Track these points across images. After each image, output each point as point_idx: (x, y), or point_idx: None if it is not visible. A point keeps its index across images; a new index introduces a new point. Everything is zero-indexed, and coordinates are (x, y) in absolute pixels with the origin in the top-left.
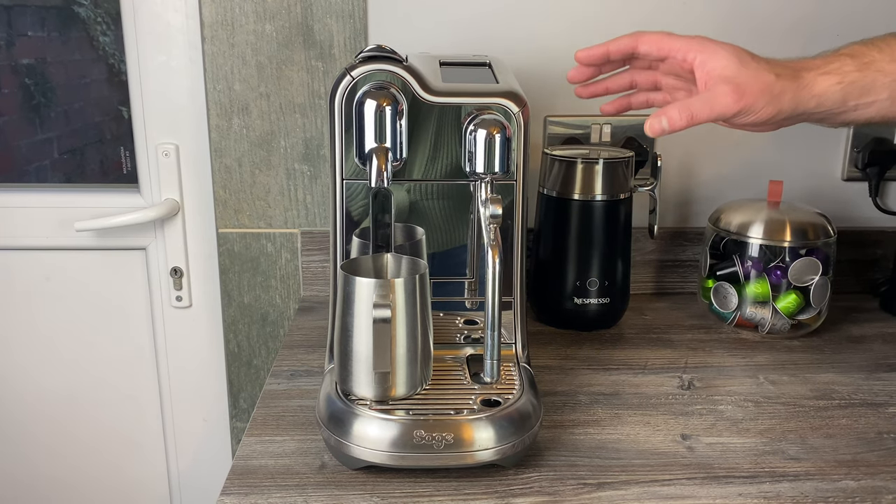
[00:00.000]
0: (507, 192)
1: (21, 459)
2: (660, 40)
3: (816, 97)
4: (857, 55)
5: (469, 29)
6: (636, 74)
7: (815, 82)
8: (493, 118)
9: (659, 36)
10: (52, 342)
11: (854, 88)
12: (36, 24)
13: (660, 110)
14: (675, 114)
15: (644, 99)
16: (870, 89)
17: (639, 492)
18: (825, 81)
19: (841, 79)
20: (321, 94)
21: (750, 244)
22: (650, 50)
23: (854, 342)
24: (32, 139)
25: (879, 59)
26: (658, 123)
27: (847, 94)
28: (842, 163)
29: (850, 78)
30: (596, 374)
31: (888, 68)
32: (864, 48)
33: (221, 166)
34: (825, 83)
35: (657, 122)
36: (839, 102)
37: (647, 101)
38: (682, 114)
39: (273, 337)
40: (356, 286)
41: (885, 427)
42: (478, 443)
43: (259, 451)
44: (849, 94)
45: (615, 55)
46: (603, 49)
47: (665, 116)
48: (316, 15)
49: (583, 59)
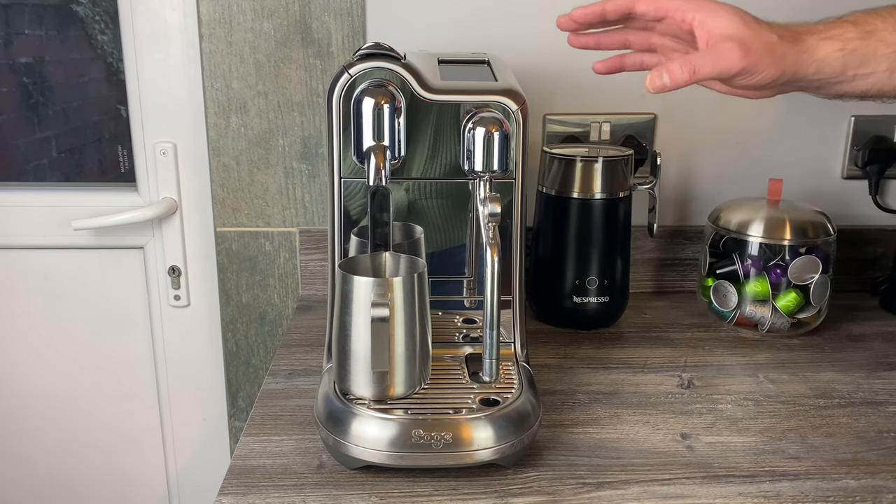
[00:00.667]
0: (505, 190)
1: (19, 459)
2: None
3: (817, 62)
4: (859, 23)
5: (468, 27)
6: (630, 34)
7: (816, 46)
8: (491, 116)
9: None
10: (50, 341)
11: (854, 57)
12: (34, 23)
13: (660, 65)
14: (677, 68)
15: (638, 60)
16: (870, 59)
17: (638, 491)
18: (827, 47)
19: (843, 45)
20: (319, 93)
21: (750, 242)
22: (647, 9)
23: (854, 341)
24: (30, 138)
25: (882, 28)
26: (659, 78)
27: (847, 63)
28: (842, 161)
29: (852, 45)
30: (595, 373)
31: (890, 38)
32: (867, 16)
33: (219, 165)
34: (827, 48)
35: (658, 76)
36: (838, 70)
37: (640, 62)
38: (685, 68)
39: (271, 336)
40: (354, 285)
41: (885, 426)
42: (476, 442)
43: (257, 451)
44: (848, 63)
45: (612, 14)
46: (599, 7)
47: (666, 71)
48: (314, 13)
49: (578, 18)
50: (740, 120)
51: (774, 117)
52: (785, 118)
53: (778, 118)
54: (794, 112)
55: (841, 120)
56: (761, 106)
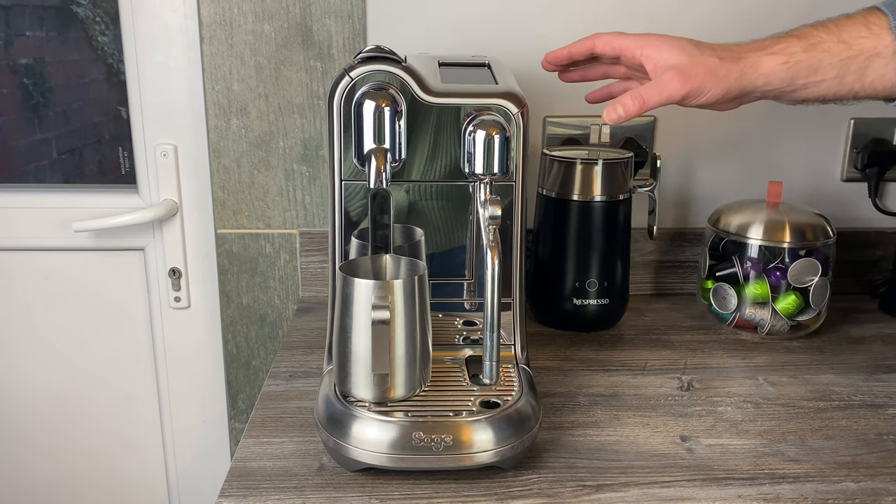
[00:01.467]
0: (506, 192)
1: (19, 460)
2: (612, 40)
3: (764, 76)
4: (803, 36)
5: (468, 29)
6: (606, 67)
7: (760, 62)
8: (492, 119)
9: (612, 36)
10: (51, 343)
11: (801, 68)
12: (34, 24)
13: (615, 100)
14: (629, 101)
15: (622, 88)
16: (817, 68)
17: (638, 493)
18: (771, 61)
19: (787, 59)
20: (320, 95)
21: (749, 245)
22: (605, 50)
23: (853, 343)
24: (31, 139)
25: (826, 39)
26: (614, 112)
27: (795, 74)
28: (841, 163)
29: (797, 58)
30: (595, 376)
31: (834, 49)
32: (813, 30)
33: (220, 167)
34: (771, 62)
35: (613, 111)
36: (787, 81)
37: (624, 89)
38: (635, 101)
39: (272, 338)
40: (355, 287)
41: (884, 428)
42: (477, 444)
43: (257, 453)
44: (797, 74)
45: (577, 56)
46: (566, 52)
47: (620, 105)
48: (315, 15)
49: (551, 61)
50: (740, 122)
51: (774, 120)
52: (784, 121)
53: (777, 121)
54: (793, 115)
55: (840, 122)
56: (761, 109)
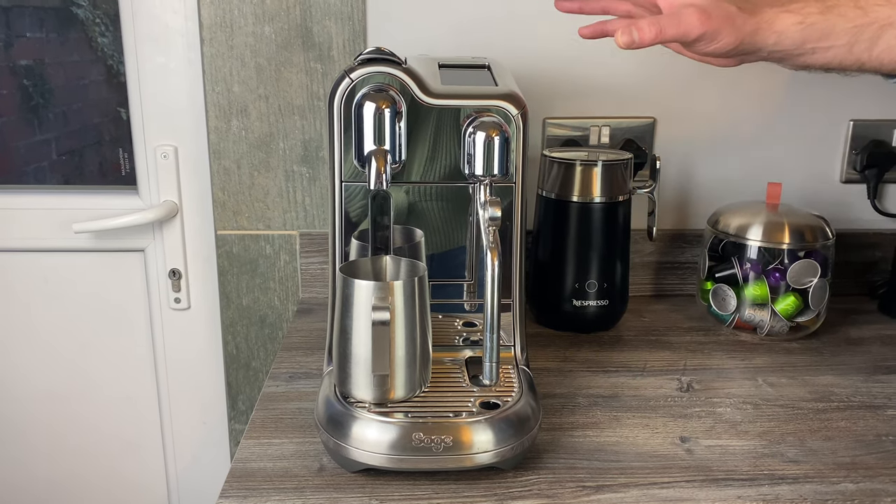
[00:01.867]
0: (505, 194)
1: (19, 461)
2: None
3: (776, 34)
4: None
5: (468, 31)
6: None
7: (776, 18)
8: (492, 120)
9: None
10: (51, 344)
11: (814, 31)
12: (34, 26)
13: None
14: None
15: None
16: (829, 33)
17: (638, 494)
18: (787, 19)
19: (802, 19)
20: (320, 96)
21: (748, 246)
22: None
23: (853, 344)
24: (31, 140)
25: (843, 3)
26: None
27: (806, 36)
28: (840, 165)
29: (811, 20)
30: (595, 377)
31: (850, 13)
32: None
33: (220, 168)
34: (786, 21)
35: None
36: (798, 43)
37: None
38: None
39: (272, 339)
40: (355, 288)
41: (883, 429)
42: (476, 445)
43: (257, 454)
44: (808, 36)
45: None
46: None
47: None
48: (315, 17)
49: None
50: (739, 124)
51: (773, 121)
52: (784, 122)
53: (777, 122)
54: (792, 116)
55: (839, 124)
56: (760, 110)
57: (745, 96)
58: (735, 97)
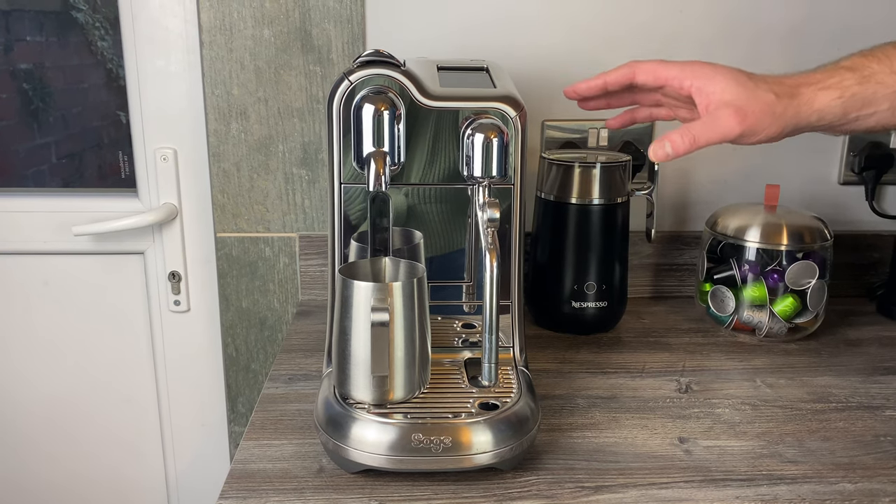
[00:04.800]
0: (504, 195)
1: (19, 463)
2: (655, 70)
3: (818, 112)
4: (856, 68)
5: (467, 34)
6: (637, 96)
7: (815, 98)
8: (490, 122)
9: (654, 65)
10: (51, 346)
11: (855, 101)
12: (34, 29)
13: (663, 136)
14: (678, 139)
15: (647, 114)
16: (870, 101)
17: (636, 495)
18: (826, 96)
19: (841, 93)
20: (319, 99)
21: (747, 248)
22: (647, 80)
23: (851, 345)
24: (31, 144)
25: (879, 70)
26: (662, 149)
27: (848, 108)
28: (838, 167)
29: (851, 91)
30: (594, 378)
31: (888, 80)
32: (864, 60)
33: (220, 171)
34: (826, 98)
35: (661, 147)
36: (840, 116)
37: (650, 115)
38: (685, 138)
39: (271, 341)
40: (354, 290)
41: (881, 430)
42: (476, 446)
43: (257, 455)
44: (849, 108)
45: (613, 86)
46: (600, 81)
47: (668, 141)
48: (314, 20)
49: (582, 92)
50: None
51: None
52: None
53: None
54: None
55: None
56: None
57: None
58: None
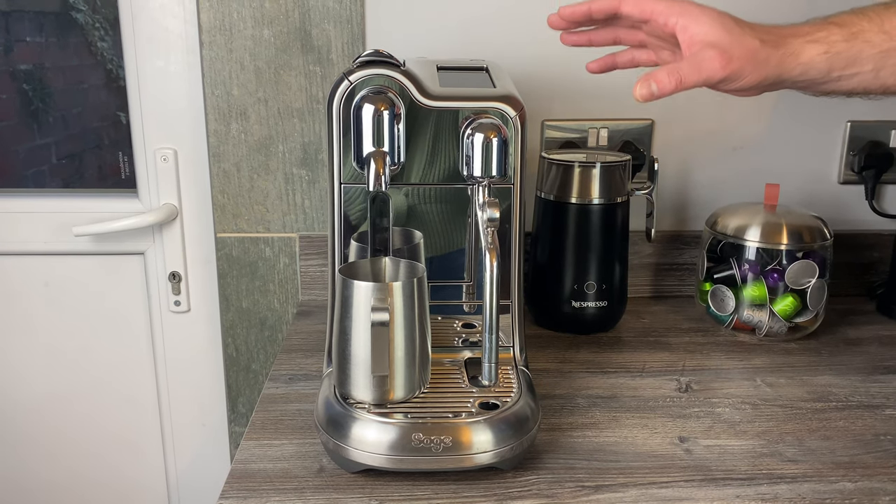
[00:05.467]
0: (504, 195)
1: (20, 463)
2: (642, 2)
3: (802, 65)
4: (845, 24)
5: (466, 33)
6: (620, 31)
7: (801, 50)
8: (490, 122)
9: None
10: (51, 347)
11: (839, 59)
12: (34, 30)
13: (647, 74)
14: (664, 77)
15: (629, 57)
16: (855, 60)
17: (636, 494)
18: (812, 50)
19: (828, 48)
20: (319, 99)
21: (747, 247)
22: (632, 11)
23: (851, 345)
24: (31, 144)
25: (868, 28)
26: (647, 87)
27: (832, 65)
28: (838, 166)
29: (837, 48)
30: (594, 377)
31: (875, 39)
32: (854, 17)
33: (220, 171)
34: (811, 51)
35: (646, 85)
36: (824, 72)
37: (632, 59)
38: (671, 77)
39: (271, 341)
40: (354, 290)
41: (881, 429)
42: (476, 446)
43: (257, 455)
44: (834, 65)
45: (598, 14)
46: (585, 8)
47: (653, 80)
48: (314, 20)
49: (566, 17)
50: (737, 125)
51: (771, 123)
52: (782, 124)
53: (775, 124)
54: (790, 117)
55: (837, 125)
56: (758, 112)
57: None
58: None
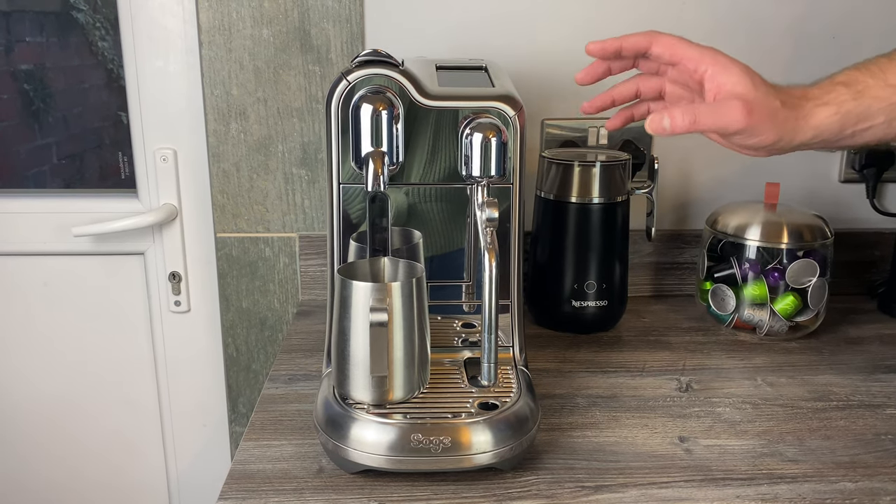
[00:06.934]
0: (503, 195)
1: (20, 464)
2: (674, 45)
3: (814, 128)
4: (851, 83)
5: (465, 33)
6: (642, 82)
7: (812, 113)
8: (489, 122)
9: (674, 40)
10: (51, 347)
11: (850, 117)
12: (34, 30)
13: (664, 109)
14: (679, 115)
15: (646, 109)
16: (865, 116)
17: (636, 494)
18: (822, 112)
19: (837, 109)
20: (318, 99)
21: (747, 246)
22: (663, 52)
23: (852, 344)
24: (31, 144)
25: (873, 85)
26: (660, 122)
27: (844, 123)
28: (839, 165)
29: (846, 108)
30: (594, 377)
31: (882, 94)
32: (858, 74)
33: (219, 171)
34: (822, 114)
35: (659, 119)
36: (836, 131)
37: (648, 111)
38: (686, 117)
39: (271, 341)
40: (353, 290)
41: (882, 428)
42: (475, 446)
43: (257, 456)
44: (846, 123)
45: (627, 51)
46: (617, 44)
47: (668, 116)
48: (313, 20)
49: (595, 52)
50: None
51: None
52: None
53: None
54: None
55: None
56: None
57: None
58: None
